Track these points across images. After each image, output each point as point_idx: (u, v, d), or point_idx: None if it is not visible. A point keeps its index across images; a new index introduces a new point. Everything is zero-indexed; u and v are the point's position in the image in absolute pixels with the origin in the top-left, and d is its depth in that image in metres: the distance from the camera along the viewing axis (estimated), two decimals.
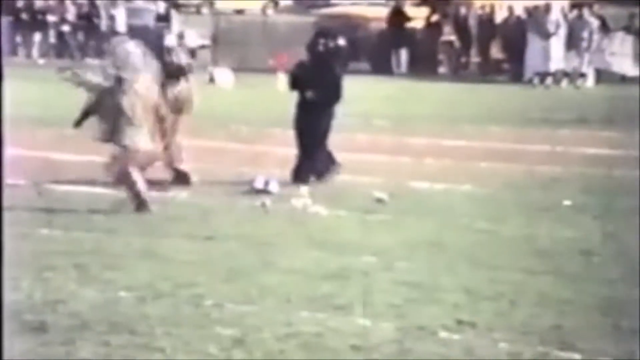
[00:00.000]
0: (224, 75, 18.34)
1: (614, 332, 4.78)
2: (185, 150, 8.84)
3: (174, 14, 22.91)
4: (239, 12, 27.45)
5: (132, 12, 24.86)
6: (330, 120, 8.59)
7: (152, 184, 7.61)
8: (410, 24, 20.02)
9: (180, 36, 21.76)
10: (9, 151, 8.76)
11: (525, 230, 6.96)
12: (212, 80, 18.56)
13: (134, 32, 23.24)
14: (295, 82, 8.59)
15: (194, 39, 24.12)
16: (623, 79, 18.80)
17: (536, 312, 5.09)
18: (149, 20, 24.11)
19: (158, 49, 8.46)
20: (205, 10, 29.81)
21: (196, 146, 10.80)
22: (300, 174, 8.42)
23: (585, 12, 19.14)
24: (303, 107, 8.52)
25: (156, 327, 4.78)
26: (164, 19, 22.64)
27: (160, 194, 7.94)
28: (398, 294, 5.35)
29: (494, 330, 4.82)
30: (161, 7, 25.07)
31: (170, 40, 9.00)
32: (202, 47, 23.35)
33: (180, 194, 8.00)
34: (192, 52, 24.00)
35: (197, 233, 6.74)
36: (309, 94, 8.38)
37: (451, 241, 6.62)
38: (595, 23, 18.91)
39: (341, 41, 8.66)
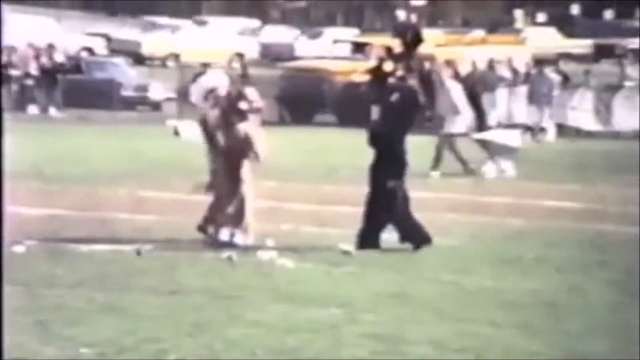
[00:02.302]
0: (189, 128, 18.36)
1: None
2: (152, 203, 8.73)
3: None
4: (205, 65, 27.66)
5: (96, 65, 24.88)
6: (399, 185, 7.81)
7: None
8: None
9: None
10: None
11: (490, 282, 6.98)
12: (176, 132, 18.55)
13: (99, 83, 23.26)
14: (374, 140, 7.92)
15: (159, 91, 24.19)
16: (578, 133, 19.19)
17: None
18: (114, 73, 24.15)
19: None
20: (170, 63, 29.97)
21: (161, 198, 10.70)
22: (366, 240, 7.77)
23: (546, 68, 19.62)
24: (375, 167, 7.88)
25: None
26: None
27: (120, 248, 7.86)
28: (364, 347, 5.32)
29: None
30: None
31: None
32: (168, 99, 23.41)
33: (143, 247, 7.92)
34: (158, 105, 24.10)
35: (162, 287, 6.66)
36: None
37: (417, 293, 6.61)
38: (556, 79, 19.39)
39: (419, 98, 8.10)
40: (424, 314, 6.06)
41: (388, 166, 7.95)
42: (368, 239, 7.92)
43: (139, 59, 29.61)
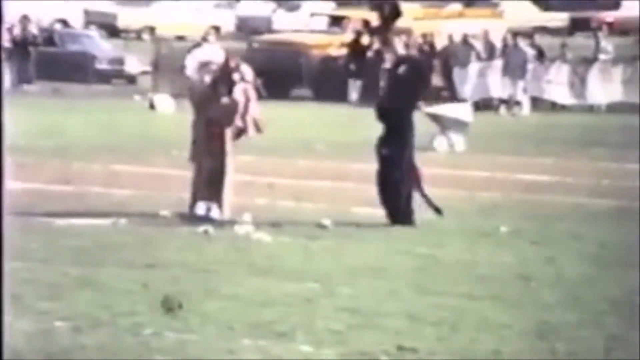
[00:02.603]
0: (164, 102, 18.25)
1: (549, 356, 4.85)
2: (127, 176, 8.68)
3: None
4: (180, 38, 27.44)
5: (70, 37, 24.59)
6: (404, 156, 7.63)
7: None
8: (356, 52, 20.15)
9: None
10: None
11: (465, 256, 7.04)
12: (152, 106, 18.43)
13: (73, 56, 22.99)
14: (382, 114, 7.76)
15: (134, 64, 23.95)
16: (553, 106, 19.27)
17: (476, 337, 5.13)
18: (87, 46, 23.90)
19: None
20: (146, 36, 29.66)
21: (136, 172, 10.66)
22: (399, 215, 7.66)
23: (520, 41, 19.64)
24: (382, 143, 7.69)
25: (93, 357, 4.68)
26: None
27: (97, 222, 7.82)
28: (340, 320, 5.35)
29: (435, 355, 4.85)
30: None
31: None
32: (143, 73, 23.19)
33: (119, 221, 7.88)
34: (133, 78, 23.87)
35: (137, 261, 6.65)
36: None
37: (393, 267, 6.65)
38: (530, 52, 19.42)
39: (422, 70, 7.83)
40: (400, 287, 6.10)
41: (395, 141, 7.78)
42: (400, 214, 7.72)
43: (113, 32, 29.28)
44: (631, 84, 18.99)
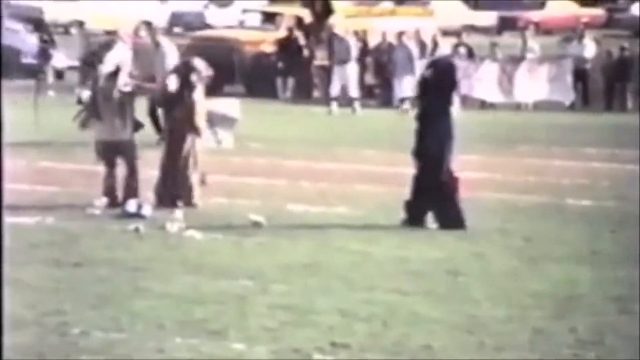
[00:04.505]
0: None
1: (478, 350, 4.93)
2: (53, 173, 8.48)
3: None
4: (110, 33, 26.90)
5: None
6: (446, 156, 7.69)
7: None
8: (289, 49, 20.09)
9: None
10: None
11: (397, 252, 7.10)
12: (80, 101, 18.04)
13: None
14: (420, 117, 7.76)
15: (62, 59, 23.44)
16: (482, 105, 19.58)
17: (407, 332, 5.19)
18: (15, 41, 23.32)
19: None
20: (74, 30, 29.07)
21: (65, 169, 10.43)
22: (416, 215, 7.64)
23: (446, 40, 19.65)
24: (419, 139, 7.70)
25: (19, 358, 4.56)
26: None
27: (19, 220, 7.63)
28: (273, 317, 5.34)
29: (367, 351, 4.88)
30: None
31: None
32: (71, 68, 22.73)
33: (46, 218, 7.71)
34: (60, 74, 23.34)
35: (65, 259, 6.51)
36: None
37: (326, 263, 6.67)
38: (415, 49, 19.34)
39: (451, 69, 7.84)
40: (333, 283, 6.12)
41: (433, 145, 7.82)
42: (449, 218, 7.70)
43: (40, 26, 28.63)
44: (556, 83, 19.45)
